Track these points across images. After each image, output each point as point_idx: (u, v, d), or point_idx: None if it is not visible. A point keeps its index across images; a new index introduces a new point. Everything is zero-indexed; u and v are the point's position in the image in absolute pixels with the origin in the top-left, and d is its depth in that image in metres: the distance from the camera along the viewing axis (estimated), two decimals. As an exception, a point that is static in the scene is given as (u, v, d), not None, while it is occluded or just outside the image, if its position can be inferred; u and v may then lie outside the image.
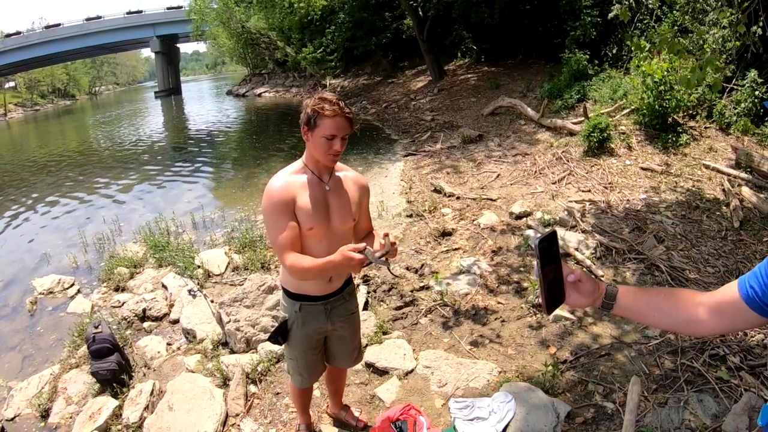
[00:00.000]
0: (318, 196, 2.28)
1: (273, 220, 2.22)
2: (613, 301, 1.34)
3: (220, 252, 6.17)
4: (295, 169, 2.31)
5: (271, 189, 2.23)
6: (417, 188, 8.15)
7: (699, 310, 1.28)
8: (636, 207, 6.15)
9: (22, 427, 3.86)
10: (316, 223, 2.26)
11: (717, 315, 1.26)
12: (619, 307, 1.35)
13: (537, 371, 3.66)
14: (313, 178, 2.29)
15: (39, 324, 5.45)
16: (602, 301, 1.35)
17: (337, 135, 2.15)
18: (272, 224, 2.23)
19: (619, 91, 9.24)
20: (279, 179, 2.26)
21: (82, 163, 15.07)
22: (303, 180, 2.27)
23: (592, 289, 1.33)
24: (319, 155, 2.22)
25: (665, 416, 3.02)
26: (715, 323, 1.27)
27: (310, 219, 2.25)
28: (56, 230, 8.66)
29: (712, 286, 4.49)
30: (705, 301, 1.29)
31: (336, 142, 2.16)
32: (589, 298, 1.34)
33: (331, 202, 2.32)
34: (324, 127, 2.13)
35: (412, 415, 3.32)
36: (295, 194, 2.23)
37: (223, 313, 4.38)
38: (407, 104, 16.66)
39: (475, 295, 4.81)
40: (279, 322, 2.59)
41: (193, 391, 3.67)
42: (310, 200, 2.25)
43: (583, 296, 1.34)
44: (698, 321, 1.28)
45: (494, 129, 10.89)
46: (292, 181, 2.26)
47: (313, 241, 2.31)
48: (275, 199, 2.21)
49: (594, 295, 1.34)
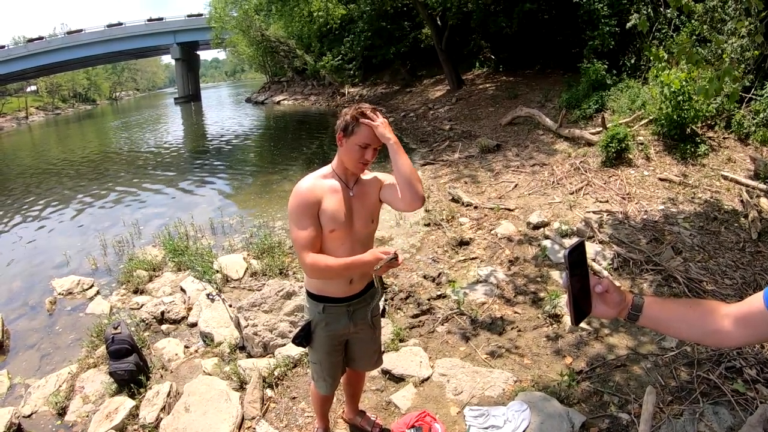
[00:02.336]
0: (342, 201, 2.34)
1: (296, 219, 2.30)
2: (639, 312, 1.33)
3: (238, 257, 6.22)
4: (323, 174, 2.38)
5: (298, 190, 2.31)
6: (435, 197, 8.15)
7: (725, 321, 1.27)
8: (654, 218, 6.10)
9: (38, 423, 3.92)
10: (339, 225, 2.32)
11: (742, 326, 1.25)
12: (644, 318, 1.34)
13: (552, 381, 3.65)
14: (340, 184, 2.36)
15: (58, 324, 5.53)
16: (628, 312, 1.34)
17: (371, 144, 2.23)
18: (295, 223, 2.30)
19: (638, 101, 9.16)
20: (307, 181, 2.34)
21: (102, 166, 15.30)
22: (329, 184, 2.34)
23: (619, 300, 1.32)
24: (349, 162, 2.30)
25: (680, 428, 2.99)
26: (740, 334, 1.26)
27: (333, 222, 2.31)
28: (76, 232, 8.80)
29: (729, 297, 4.46)
30: (730, 313, 1.28)
31: (369, 151, 2.24)
32: (616, 309, 1.33)
33: (354, 207, 2.38)
34: (360, 136, 2.22)
35: (428, 422, 3.32)
36: (320, 197, 2.30)
37: (241, 318, 4.41)
38: (425, 113, 16.68)
39: (492, 305, 4.80)
40: (302, 324, 2.62)
41: (209, 393, 3.70)
42: (334, 204, 2.31)
43: (610, 307, 1.33)
44: (723, 332, 1.27)
45: (512, 139, 10.87)
46: (320, 185, 2.33)
47: (336, 243, 2.36)
48: (300, 199, 2.28)
49: (620, 306, 1.33)
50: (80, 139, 25.57)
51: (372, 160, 2.28)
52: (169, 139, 22.23)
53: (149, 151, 18.33)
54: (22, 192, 12.80)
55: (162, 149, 18.54)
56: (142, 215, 9.41)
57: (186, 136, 23.46)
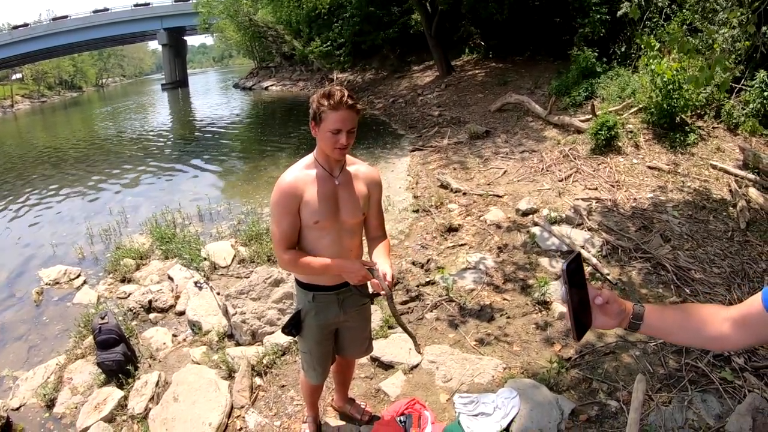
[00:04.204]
0: (326, 191, 2.30)
1: (275, 214, 2.31)
2: (640, 321, 1.31)
3: (226, 244, 6.19)
4: (306, 164, 2.34)
5: (280, 183, 2.28)
6: (423, 183, 8.14)
7: (724, 325, 1.26)
8: (643, 206, 6.12)
9: (27, 416, 3.88)
10: (323, 216, 2.29)
11: (741, 328, 1.24)
12: (645, 327, 1.32)
13: (542, 368, 3.66)
14: (323, 173, 2.31)
15: (45, 314, 5.48)
16: (629, 321, 1.31)
17: (343, 129, 2.15)
18: (274, 218, 2.32)
19: (628, 89, 9.17)
20: (290, 174, 2.30)
21: (89, 154, 15.12)
22: (312, 175, 2.30)
23: (619, 310, 1.29)
24: (327, 149, 2.24)
25: (669, 415, 3.01)
26: (740, 337, 1.25)
27: (316, 213, 2.28)
28: (63, 221, 8.70)
29: (717, 286, 4.49)
30: (730, 316, 1.27)
31: (341, 136, 2.16)
32: (617, 320, 1.30)
33: (340, 196, 2.34)
34: (329, 122, 2.14)
35: (417, 410, 3.33)
36: (302, 190, 2.26)
37: (229, 306, 4.39)
38: (414, 99, 16.61)
39: (481, 292, 4.81)
40: (292, 314, 2.60)
41: (198, 382, 3.68)
42: (317, 195, 2.27)
43: (611, 318, 1.29)
44: (724, 336, 1.26)
45: (501, 125, 10.85)
46: (302, 176, 2.29)
47: (320, 234, 2.34)
48: (280, 194, 2.27)
49: (621, 316, 1.30)
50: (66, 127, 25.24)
51: (349, 144, 2.20)
52: (156, 125, 22.01)
53: (136, 138, 18.14)
54: (7, 182, 12.62)
55: (149, 136, 18.36)
56: (129, 203, 9.32)
57: (173, 123, 23.24)
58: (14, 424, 3.73)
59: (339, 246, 2.38)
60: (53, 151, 16.38)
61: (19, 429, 3.73)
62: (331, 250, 2.38)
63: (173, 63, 52.88)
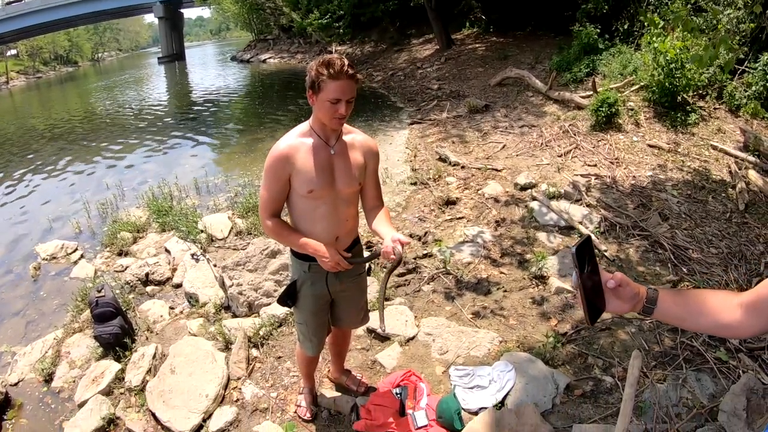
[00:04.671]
0: (322, 160, 2.26)
1: (266, 179, 2.30)
2: (654, 306, 1.28)
3: (223, 216, 6.16)
4: (301, 132, 2.30)
5: (273, 150, 2.26)
6: (422, 156, 8.09)
7: (737, 312, 1.23)
8: (642, 184, 6.10)
9: (25, 391, 3.89)
10: (317, 186, 2.26)
11: (753, 313, 1.21)
12: (658, 311, 1.29)
13: (537, 342, 3.68)
14: (319, 142, 2.27)
15: (42, 289, 5.46)
16: (643, 305, 1.28)
17: (342, 98, 2.10)
18: (264, 182, 2.32)
19: (629, 66, 9.06)
20: (284, 142, 2.27)
21: (85, 129, 14.99)
22: (308, 143, 2.26)
23: (633, 294, 1.26)
24: (324, 119, 2.19)
25: (663, 393, 3.03)
26: (750, 324, 1.22)
27: (311, 182, 2.25)
28: (59, 196, 8.64)
29: (714, 266, 4.50)
30: (741, 301, 1.24)
31: (341, 105, 2.11)
32: (630, 303, 1.27)
33: (336, 165, 2.31)
34: (328, 91, 2.09)
35: (413, 382, 3.34)
36: (295, 158, 2.23)
37: (225, 277, 4.38)
38: (414, 72, 16.43)
39: (478, 265, 4.80)
40: (288, 284, 2.58)
41: (195, 354, 3.69)
42: (313, 164, 2.24)
43: (624, 301, 1.27)
44: (735, 324, 1.24)
45: (501, 100, 10.75)
46: (296, 144, 2.25)
47: (315, 204, 2.32)
48: (273, 162, 2.25)
49: (634, 300, 1.27)
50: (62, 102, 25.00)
51: (347, 114, 2.16)
52: (153, 99, 21.82)
53: (133, 112, 17.98)
54: (2, 158, 12.51)
55: (146, 110, 18.21)
56: (126, 177, 9.25)
57: (170, 96, 23.03)
58: (13, 400, 3.74)
59: (335, 216, 2.36)
60: (49, 127, 16.24)
61: (18, 404, 3.74)
62: (327, 220, 2.36)
63: (170, 36, 52.16)
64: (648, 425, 2.78)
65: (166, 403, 3.36)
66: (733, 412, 2.66)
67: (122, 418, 3.41)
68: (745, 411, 2.63)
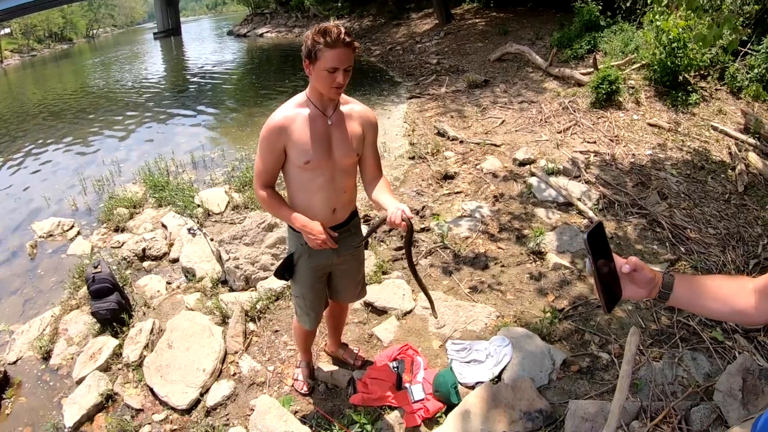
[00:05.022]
0: (319, 130, 2.22)
1: (260, 149, 2.28)
2: (670, 291, 1.24)
3: (220, 191, 6.13)
4: (298, 102, 2.25)
5: (269, 121, 2.22)
6: (420, 131, 8.03)
7: (752, 298, 1.20)
8: (641, 162, 6.07)
9: (24, 369, 3.89)
10: (314, 157, 2.22)
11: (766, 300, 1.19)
12: (674, 297, 1.25)
13: (535, 318, 3.68)
14: (316, 112, 2.23)
15: (39, 267, 5.43)
16: (659, 290, 1.25)
17: (339, 67, 2.05)
18: (259, 153, 2.29)
19: (631, 44, 8.98)
20: (280, 113, 2.22)
21: (80, 106, 14.81)
22: (304, 114, 2.22)
23: (648, 279, 1.23)
24: (322, 88, 2.14)
25: (659, 371, 3.03)
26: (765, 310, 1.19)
27: (307, 153, 2.21)
28: (55, 174, 8.56)
29: (712, 247, 4.49)
30: (756, 286, 1.21)
31: (338, 74, 2.06)
32: (646, 289, 1.24)
33: (333, 135, 2.26)
34: (325, 60, 2.03)
35: (410, 355, 3.35)
36: (291, 129, 2.19)
37: (222, 251, 4.36)
38: (412, 47, 16.25)
39: (476, 240, 4.79)
40: (284, 257, 2.56)
41: (192, 329, 3.70)
42: (309, 135, 2.20)
43: (640, 287, 1.24)
44: (750, 310, 1.20)
45: (501, 75, 10.65)
46: (293, 115, 2.21)
47: (313, 174, 2.28)
48: (268, 132, 2.21)
49: (650, 285, 1.24)
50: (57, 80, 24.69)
51: (345, 83, 2.11)
52: (149, 75, 21.58)
53: (128, 88, 17.79)
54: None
55: (141, 86, 18.02)
56: (123, 153, 9.18)
57: (166, 72, 22.78)
58: (12, 378, 3.74)
59: (332, 187, 2.32)
60: (44, 105, 16.03)
61: (17, 382, 3.74)
62: (324, 192, 2.33)
63: (165, 11, 51.32)
64: (644, 402, 2.79)
65: (164, 377, 3.37)
66: (729, 392, 2.66)
67: (120, 393, 3.42)
68: (741, 391, 2.63)
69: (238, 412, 3.16)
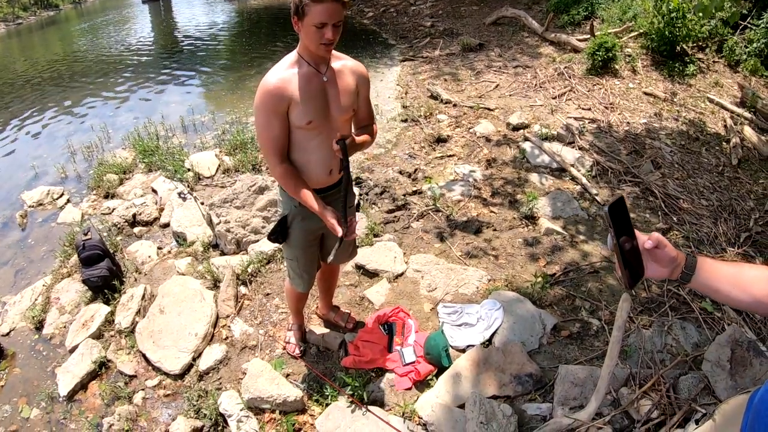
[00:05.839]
0: (315, 88, 2.17)
1: (262, 118, 2.15)
2: (692, 272, 1.20)
3: (210, 154, 6.06)
4: (290, 62, 2.18)
5: (265, 85, 2.12)
6: (413, 93, 7.93)
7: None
8: (635, 130, 6.03)
9: (17, 340, 3.89)
10: (315, 116, 2.17)
11: None
12: (696, 280, 1.20)
13: (526, 282, 3.69)
14: (310, 70, 2.16)
15: (30, 237, 5.37)
16: (681, 271, 1.20)
17: (328, 23, 1.98)
18: (262, 124, 2.16)
19: (629, 12, 8.82)
20: (274, 75, 2.14)
21: (68, 73, 14.44)
22: (299, 73, 2.15)
23: (671, 257, 1.18)
24: (311, 45, 2.08)
25: (648, 338, 3.06)
26: None
27: (308, 113, 2.15)
28: (43, 142, 8.38)
29: (704, 218, 4.51)
30: None
31: (327, 30, 1.99)
32: (669, 268, 1.20)
33: (329, 93, 2.22)
34: (313, 15, 1.96)
35: (401, 318, 3.36)
36: (291, 91, 2.12)
37: (213, 215, 4.33)
38: (406, 9, 15.94)
39: (468, 203, 4.77)
40: (278, 220, 2.53)
41: (183, 293, 3.69)
42: (307, 94, 2.14)
43: (662, 265, 1.19)
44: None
45: (496, 39, 10.46)
46: (288, 77, 2.14)
47: (310, 134, 2.23)
48: (268, 95, 2.11)
49: (672, 265, 1.19)
50: (44, 47, 24.06)
51: (336, 39, 2.04)
52: (137, 40, 21.08)
53: (116, 54, 17.38)
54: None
55: (130, 51, 17.61)
56: (111, 119, 8.99)
57: (155, 36, 22.29)
58: (5, 350, 3.74)
59: (328, 146, 2.25)
60: (31, 73, 15.68)
61: (11, 353, 3.73)
62: (321, 151, 2.29)
63: (153, -28, 50.20)
64: (633, 369, 2.82)
65: (156, 343, 3.38)
66: (717, 363, 2.68)
67: (113, 360, 3.44)
68: (729, 362, 2.66)
69: (231, 375, 3.17)
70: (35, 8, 57.97)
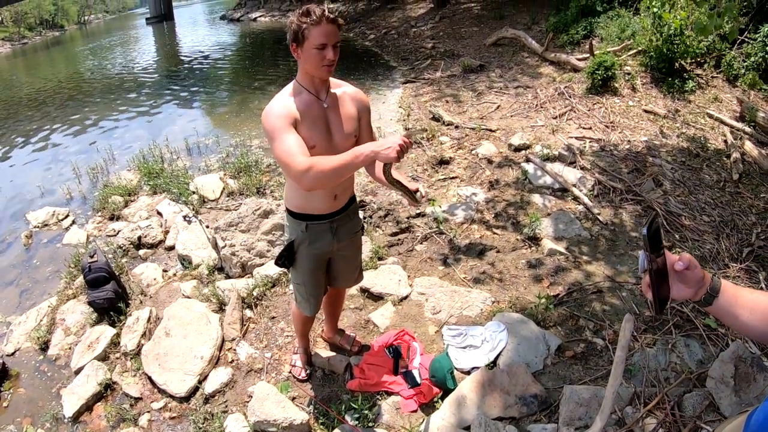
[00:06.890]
0: (317, 114, 2.21)
1: (278, 131, 2.08)
2: (716, 295, 1.15)
3: (215, 177, 6.11)
4: (290, 91, 2.22)
5: (271, 108, 2.15)
6: (415, 115, 8.01)
7: None
8: (636, 148, 6.05)
9: (22, 361, 3.89)
10: (318, 141, 2.20)
11: None
12: (718, 303, 1.16)
13: (530, 303, 3.69)
14: (310, 97, 2.21)
15: (35, 257, 5.40)
16: (706, 293, 1.16)
17: (328, 43, 2.05)
18: (277, 137, 2.08)
19: (627, 30, 8.92)
20: (277, 102, 2.18)
21: (73, 94, 14.64)
22: (300, 100, 2.19)
23: (698, 278, 1.14)
24: (313, 69, 2.13)
25: (652, 357, 3.05)
26: None
27: (313, 137, 2.18)
28: (49, 163, 8.47)
29: (706, 234, 4.52)
30: None
31: (328, 51, 2.06)
32: (694, 289, 1.15)
33: (330, 118, 2.26)
34: (313, 38, 2.04)
35: (406, 341, 3.37)
36: (295, 114, 2.15)
37: (218, 238, 4.37)
38: (407, 31, 16.13)
39: (471, 226, 4.80)
40: (285, 245, 2.55)
41: (189, 316, 3.71)
42: (310, 118, 2.18)
43: (689, 286, 1.15)
44: None
45: (496, 60, 10.58)
46: (290, 103, 2.18)
47: None
48: (276, 115, 2.11)
49: (698, 286, 1.15)
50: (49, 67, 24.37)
51: (335, 59, 2.09)
52: (142, 61, 21.36)
53: (121, 75, 17.61)
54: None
55: (134, 72, 17.83)
56: (116, 141, 9.09)
57: (159, 58, 22.58)
58: (10, 370, 3.74)
59: None
60: (36, 93, 15.84)
61: (15, 374, 3.74)
62: None
63: (157, -5, 50.84)
64: (637, 388, 2.82)
65: (162, 366, 3.38)
66: (721, 379, 2.69)
67: (119, 382, 3.44)
68: (733, 378, 2.66)
69: (237, 398, 3.18)
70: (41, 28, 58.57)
